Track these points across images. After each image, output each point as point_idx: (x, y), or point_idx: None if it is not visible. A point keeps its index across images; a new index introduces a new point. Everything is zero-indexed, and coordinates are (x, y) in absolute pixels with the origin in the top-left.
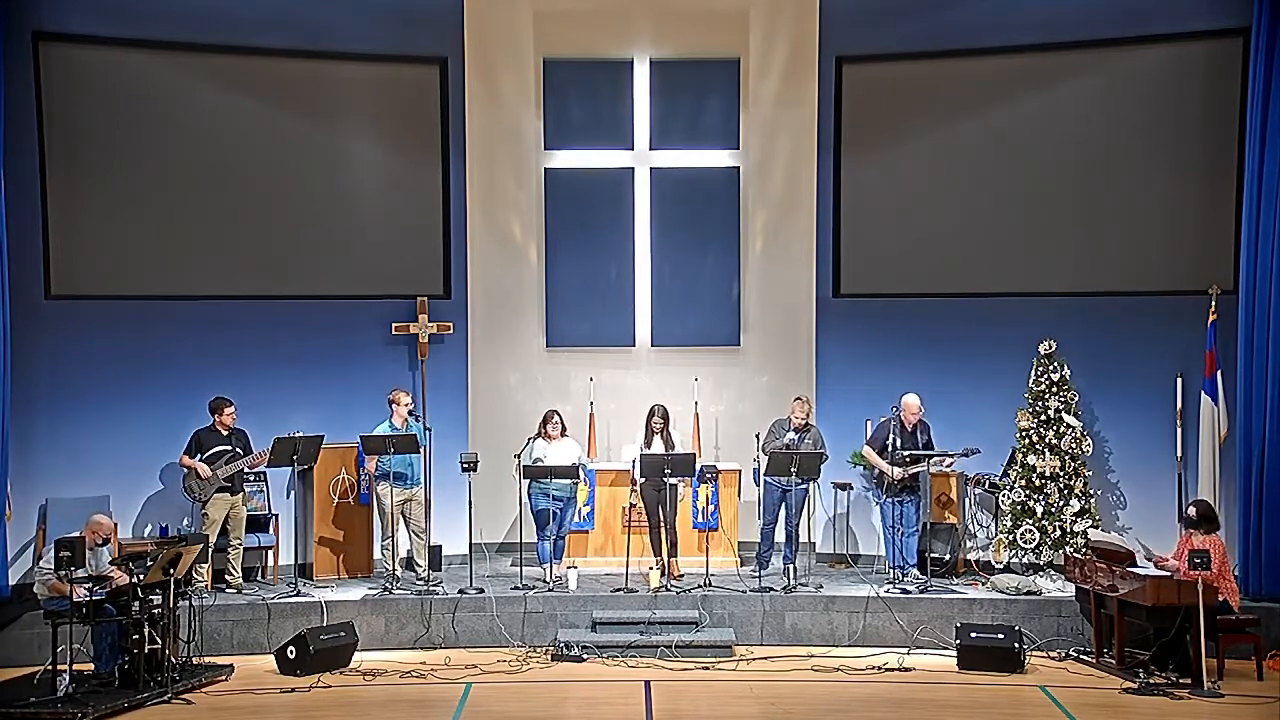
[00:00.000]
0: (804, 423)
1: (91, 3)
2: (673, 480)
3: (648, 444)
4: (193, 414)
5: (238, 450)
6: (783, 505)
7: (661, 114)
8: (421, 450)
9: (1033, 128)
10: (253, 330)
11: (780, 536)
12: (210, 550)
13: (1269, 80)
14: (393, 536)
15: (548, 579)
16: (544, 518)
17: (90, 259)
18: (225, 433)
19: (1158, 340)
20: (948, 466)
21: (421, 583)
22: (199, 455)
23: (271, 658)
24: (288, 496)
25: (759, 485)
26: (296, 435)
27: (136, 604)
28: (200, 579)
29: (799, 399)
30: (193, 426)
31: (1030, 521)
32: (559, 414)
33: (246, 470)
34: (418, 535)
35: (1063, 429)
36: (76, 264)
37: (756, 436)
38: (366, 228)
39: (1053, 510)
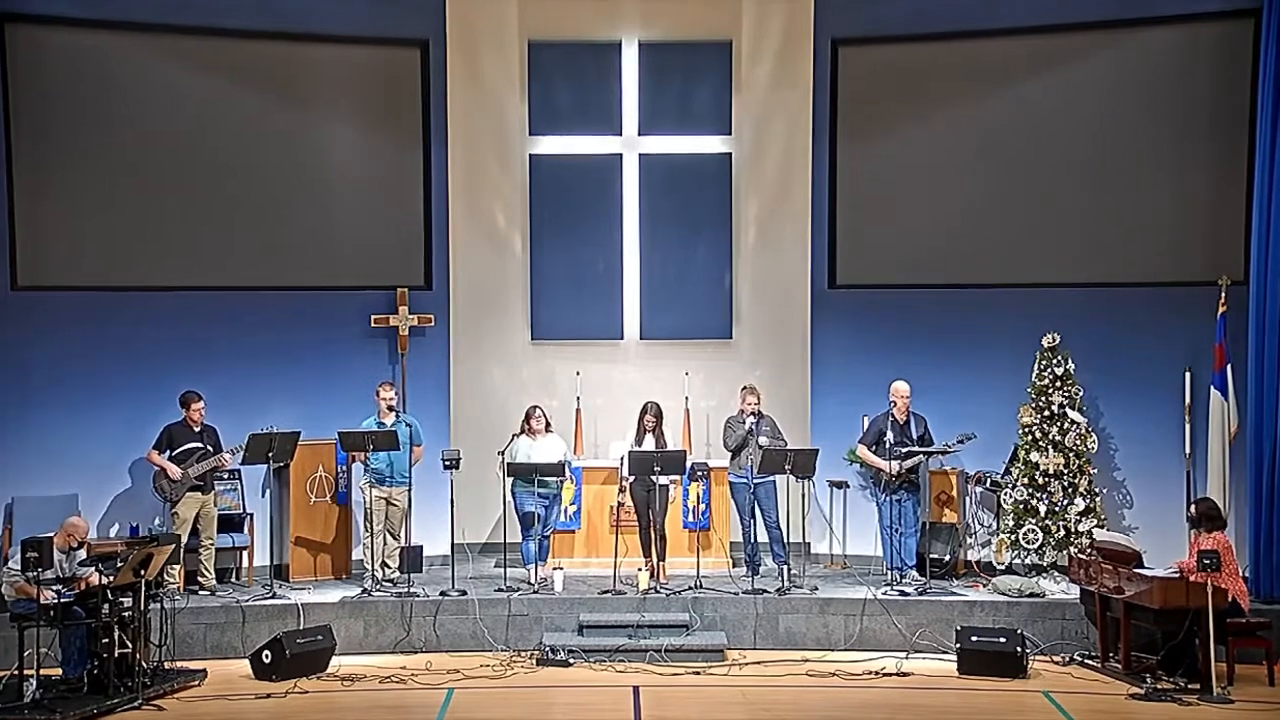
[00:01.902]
0: (756, 411)
1: None
2: (663, 480)
3: (639, 442)
4: (164, 409)
5: (208, 448)
6: (756, 503)
7: (651, 98)
8: (412, 449)
9: (1036, 112)
10: (226, 322)
11: (763, 537)
12: (182, 551)
13: None
14: (372, 537)
15: (532, 580)
16: (530, 519)
17: (57, 249)
18: (196, 429)
19: (1165, 333)
20: (944, 462)
21: (389, 584)
22: (169, 451)
23: (246, 662)
24: (263, 495)
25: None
26: (270, 431)
27: (106, 606)
28: (173, 580)
29: (747, 388)
30: (163, 422)
31: (1033, 521)
32: (543, 409)
33: (219, 467)
34: (392, 536)
35: (1067, 425)
36: (43, 254)
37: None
38: (344, 216)
39: (1056, 509)
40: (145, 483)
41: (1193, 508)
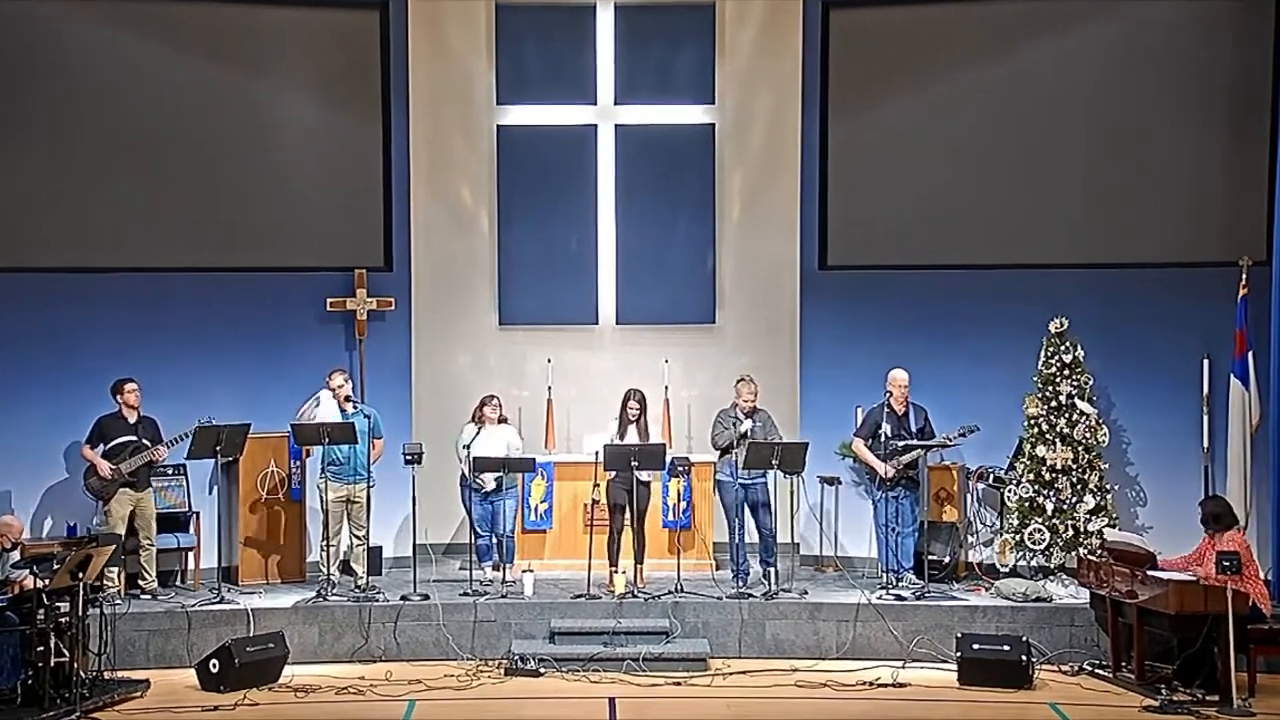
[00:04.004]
0: (753, 406)
1: None
2: (645, 476)
3: (621, 434)
4: (101, 400)
5: (144, 441)
6: (746, 505)
7: (628, 65)
8: (371, 442)
9: (1044, 80)
10: (170, 307)
11: (751, 537)
12: (121, 552)
13: None
14: (327, 538)
15: (493, 579)
16: (482, 524)
17: None
18: (132, 420)
19: (1182, 318)
20: (944, 456)
21: (358, 590)
22: (101, 445)
23: (192, 672)
24: (210, 492)
25: (715, 491)
26: (210, 423)
27: (42, 612)
28: (111, 584)
29: (744, 380)
30: (99, 413)
31: (1039, 520)
32: (499, 399)
33: (154, 462)
34: (358, 538)
35: (1075, 417)
36: None
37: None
38: (298, 192)
39: (1064, 507)
40: (81, 479)
41: (1202, 507)
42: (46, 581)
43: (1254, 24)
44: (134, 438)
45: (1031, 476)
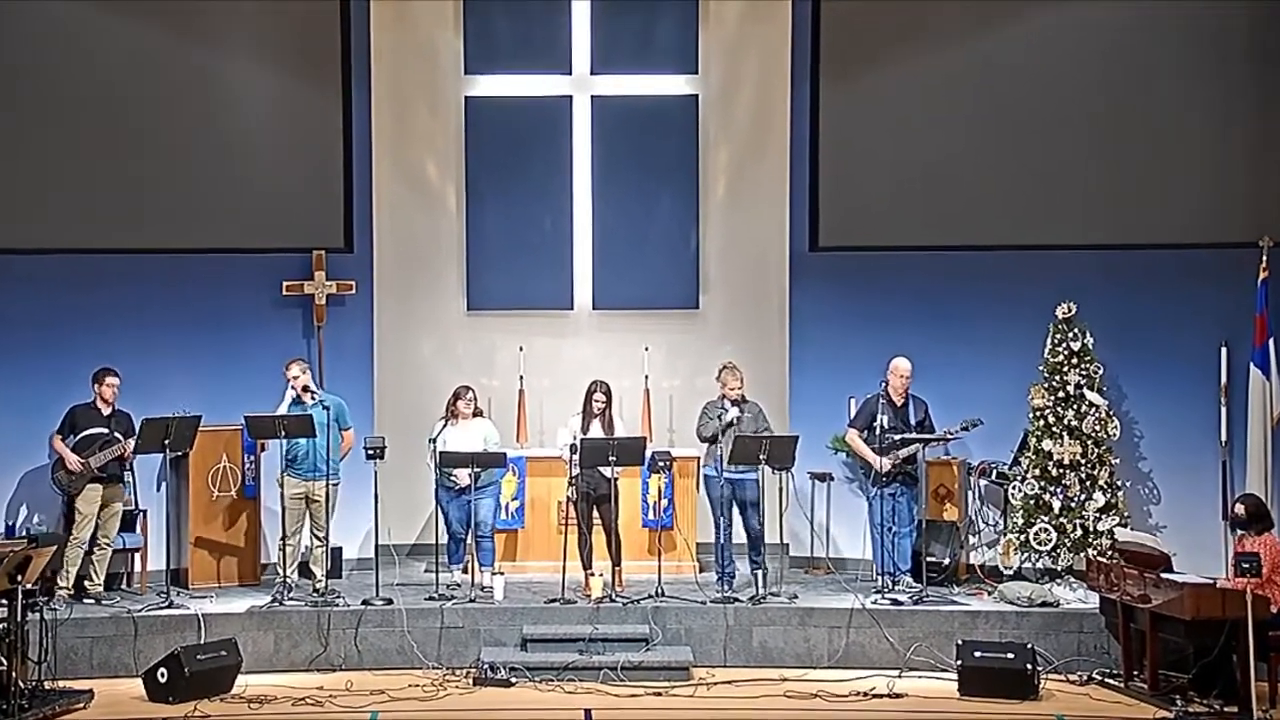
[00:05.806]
0: (740, 395)
1: None
2: (608, 472)
3: (585, 428)
4: (44, 390)
5: (116, 435)
6: (734, 504)
7: (605, 31)
8: (340, 434)
9: (1052, 50)
10: (114, 290)
11: (739, 538)
12: (78, 551)
13: None
14: (285, 538)
15: (461, 582)
16: (459, 526)
17: None
18: (106, 412)
19: (1198, 302)
20: (947, 450)
21: (317, 594)
22: (71, 437)
23: (139, 681)
24: (158, 489)
25: (699, 486)
26: (170, 416)
27: None
28: (64, 588)
29: (728, 367)
30: (43, 404)
31: (1046, 519)
32: (474, 391)
33: (124, 458)
34: (317, 538)
35: (1084, 408)
36: None
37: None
38: (253, 169)
39: (1072, 505)
40: (20, 476)
41: (1239, 507)
42: None
43: None
44: (105, 430)
45: (1037, 472)
